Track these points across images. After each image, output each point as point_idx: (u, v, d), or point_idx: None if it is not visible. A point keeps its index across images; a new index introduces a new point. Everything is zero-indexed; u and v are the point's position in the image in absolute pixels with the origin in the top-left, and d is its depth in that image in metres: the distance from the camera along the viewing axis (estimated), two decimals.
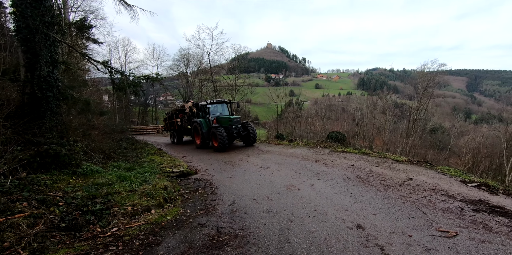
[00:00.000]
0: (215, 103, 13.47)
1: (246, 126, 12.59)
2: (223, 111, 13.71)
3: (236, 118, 12.20)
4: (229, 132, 11.80)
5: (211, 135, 11.92)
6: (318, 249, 3.12)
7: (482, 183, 5.60)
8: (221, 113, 13.51)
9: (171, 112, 17.22)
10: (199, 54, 30.08)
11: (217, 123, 12.51)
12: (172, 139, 17.89)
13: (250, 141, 12.63)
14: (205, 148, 12.88)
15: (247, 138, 12.62)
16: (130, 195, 4.89)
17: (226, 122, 12.10)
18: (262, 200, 5.04)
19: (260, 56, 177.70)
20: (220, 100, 13.78)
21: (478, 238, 3.30)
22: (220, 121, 12.53)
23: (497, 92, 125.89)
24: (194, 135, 13.74)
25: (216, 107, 13.54)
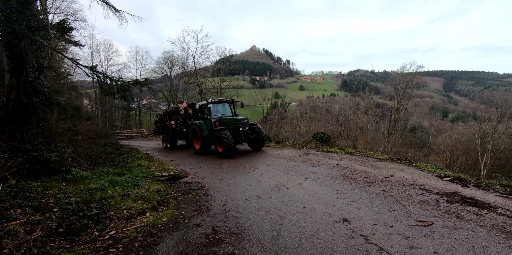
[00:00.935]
0: (216, 102, 12.00)
1: (254, 128, 11.21)
2: (225, 112, 12.35)
3: (243, 119, 10.89)
4: (236, 135, 10.54)
5: (215, 138, 10.62)
6: (308, 242, 3.37)
7: (455, 177, 6.08)
8: (224, 114, 12.18)
9: (164, 114, 15.67)
10: (184, 57, 30.00)
11: (220, 125, 11.29)
12: (164, 144, 16.25)
13: (258, 145, 11.28)
14: (206, 153, 11.64)
15: (255, 142, 11.27)
16: (124, 199, 4.98)
17: (232, 123, 10.86)
18: (253, 199, 5.25)
19: (245, 59, 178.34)
20: (222, 99, 12.30)
21: (451, 226, 3.68)
22: (224, 123, 11.26)
23: (471, 92, 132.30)
24: (192, 139, 12.53)
25: (218, 107, 12.19)
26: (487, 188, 5.34)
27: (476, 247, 3.16)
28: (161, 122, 16.05)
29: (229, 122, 11.02)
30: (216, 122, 11.42)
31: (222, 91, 30.13)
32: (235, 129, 10.58)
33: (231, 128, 10.62)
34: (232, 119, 11.01)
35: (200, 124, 11.45)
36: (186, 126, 13.39)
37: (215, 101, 11.91)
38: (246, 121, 10.98)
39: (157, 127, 17.30)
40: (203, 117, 11.98)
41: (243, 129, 10.74)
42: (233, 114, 12.41)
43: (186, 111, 13.82)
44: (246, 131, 10.86)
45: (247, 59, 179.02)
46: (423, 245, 3.21)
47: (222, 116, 11.94)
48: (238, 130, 10.59)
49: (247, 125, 10.97)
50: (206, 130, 11.35)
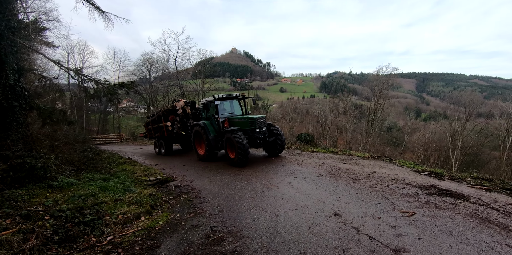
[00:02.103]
0: (225, 98, 10.12)
1: (272, 129, 9.51)
2: (234, 110, 10.61)
3: (260, 118, 9.10)
4: (251, 138, 8.91)
5: (225, 142, 8.93)
6: (305, 236, 3.58)
7: (432, 171, 6.58)
8: (233, 113, 10.45)
9: (157, 114, 13.61)
10: (165, 59, 29.55)
11: (230, 125, 9.52)
12: (157, 149, 14.40)
13: (276, 150, 9.52)
14: (212, 160, 10.02)
15: (273, 146, 9.52)
16: (117, 204, 4.94)
17: (246, 124, 9.04)
18: (246, 199, 5.38)
19: (225, 61, 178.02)
20: (231, 95, 10.44)
21: (431, 215, 4.04)
22: (235, 123, 9.45)
23: (442, 93, 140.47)
24: (195, 143, 10.81)
25: (226, 105, 10.46)
26: (460, 181, 5.84)
27: (454, 232, 3.52)
28: (153, 123, 14.08)
29: (243, 122, 9.22)
30: (225, 122, 9.60)
31: (203, 93, 29.95)
32: (251, 130, 8.90)
33: (245, 130, 8.92)
34: (246, 118, 9.17)
35: (204, 125, 9.81)
36: (184, 128, 11.94)
37: (223, 97, 10.02)
38: (264, 121, 9.20)
39: (149, 130, 15.18)
40: (207, 117, 10.30)
41: (260, 131, 9.00)
42: (244, 113, 10.60)
43: (184, 110, 12.21)
44: (264, 132, 9.15)
45: (228, 62, 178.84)
46: (408, 233, 3.52)
47: (231, 115, 10.26)
48: (254, 131, 8.91)
49: (264, 125, 9.20)
50: (212, 132, 9.73)
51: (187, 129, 11.83)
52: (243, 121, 9.23)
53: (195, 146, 10.89)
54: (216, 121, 9.74)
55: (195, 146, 10.86)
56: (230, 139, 8.58)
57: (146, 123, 15.66)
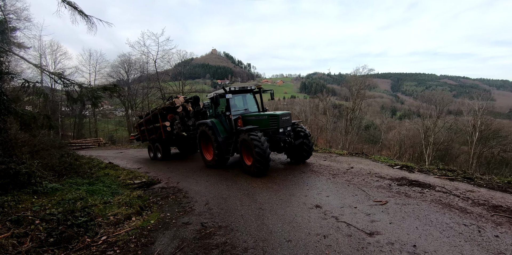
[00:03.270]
0: (237, 91, 8.43)
1: (297, 130, 7.88)
2: (248, 106, 8.84)
3: (284, 114, 7.49)
4: (272, 140, 7.27)
5: (240, 145, 7.31)
6: (289, 226, 3.91)
7: (403, 165, 7.17)
8: (247, 109, 8.70)
9: (153, 113, 11.65)
10: (144, 61, 29.04)
11: (245, 124, 7.86)
12: (152, 153, 12.82)
13: (303, 156, 7.91)
14: (222, 166, 8.55)
15: (299, 151, 7.91)
16: (107, 206, 5.03)
17: (265, 122, 7.38)
18: (233, 198, 5.62)
19: (206, 62, 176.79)
20: (245, 88, 8.64)
21: (401, 203, 4.52)
22: (251, 121, 7.75)
23: (415, 92, 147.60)
24: (201, 146, 9.28)
25: (237, 99, 8.75)
26: (428, 172, 6.44)
27: (420, 216, 4.01)
28: (147, 124, 12.24)
29: (262, 120, 7.51)
30: (239, 120, 8.02)
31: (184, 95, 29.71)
32: (272, 130, 7.30)
33: (264, 130, 7.33)
34: (267, 115, 7.46)
35: (213, 124, 8.27)
36: (185, 128, 10.52)
37: (236, 89, 8.34)
38: (289, 118, 7.60)
39: (141, 131, 13.20)
40: (216, 114, 8.73)
41: (284, 131, 7.35)
42: (261, 109, 8.98)
43: (184, 108, 10.65)
44: (289, 133, 7.49)
45: (208, 63, 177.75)
46: (381, 219, 3.95)
47: (245, 111, 8.57)
48: (276, 132, 7.28)
49: (289, 124, 7.64)
50: (222, 133, 8.17)
51: (189, 129, 10.50)
52: (262, 118, 7.50)
53: (201, 150, 9.32)
54: (227, 119, 8.12)
55: (201, 150, 9.30)
56: (246, 141, 6.97)
57: (138, 123, 13.77)
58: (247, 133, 6.88)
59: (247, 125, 7.61)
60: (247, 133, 6.88)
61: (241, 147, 7.37)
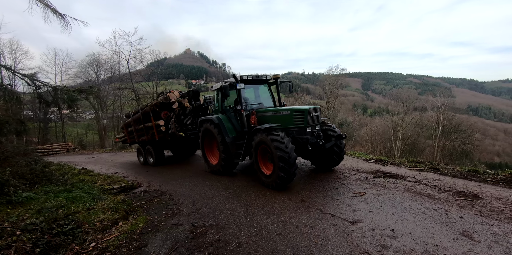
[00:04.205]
0: (250, 81, 7.08)
1: (326, 129, 6.46)
2: (262, 99, 7.56)
3: (313, 109, 6.04)
4: (297, 143, 5.77)
5: (255, 148, 5.92)
6: (279, 220, 4.12)
7: (377, 159, 7.70)
8: (261, 104, 7.43)
9: (143, 111, 10.02)
10: (115, 61, 27.91)
11: (260, 122, 6.46)
12: (142, 158, 11.28)
13: (332, 162, 6.58)
14: (228, 173, 7.38)
15: (328, 156, 6.51)
16: (92, 212, 4.93)
17: (288, 119, 5.96)
18: (219, 197, 5.72)
19: (179, 62, 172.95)
20: (260, 77, 7.22)
21: (378, 193, 4.93)
22: (269, 118, 6.36)
23: (384, 90, 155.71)
24: (204, 148, 7.99)
25: (248, 92, 7.54)
26: (400, 165, 6.99)
27: (395, 204, 4.41)
28: (136, 123, 10.60)
29: (282, 116, 6.10)
30: (252, 116, 6.59)
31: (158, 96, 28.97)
32: (297, 130, 5.88)
33: (286, 129, 5.88)
34: (290, 110, 6.01)
35: (219, 120, 6.96)
36: (181, 128, 9.21)
37: (249, 78, 6.92)
38: (319, 115, 6.19)
39: (129, 133, 11.49)
40: (223, 109, 7.35)
41: (312, 131, 5.96)
42: (278, 104, 7.66)
43: (180, 104, 9.25)
44: (319, 134, 6.08)
45: (182, 63, 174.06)
46: (361, 208, 4.30)
47: (259, 106, 7.29)
48: (303, 132, 5.85)
49: (319, 122, 6.24)
50: (230, 132, 6.87)
51: (187, 129, 9.24)
52: (283, 115, 6.07)
53: (204, 152, 8.03)
54: (238, 115, 6.87)
55: (205, 153, 8.01)
56: (263, 143, 5.60)
57: (125, 123, 12.01)
58: (265, 133, 5.55)
59: (262, 123, 6.23)
60: (265, 133, 5.55)
61: (257, 151, 5.91)
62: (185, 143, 9.98)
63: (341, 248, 3.19)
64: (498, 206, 4.23)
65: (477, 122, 57.22)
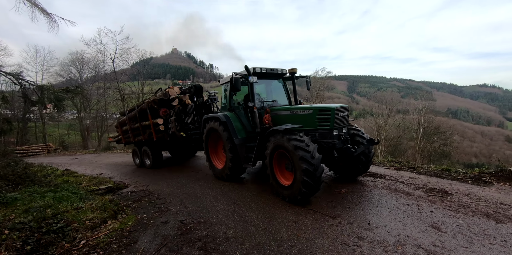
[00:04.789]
0: (264, 75, 6.39)
1: (352, 133, 5.65)
2: (275, 96, 6.85)
3: (342, 108, 5.24)
4: (322, 148, 5.00)
5: (270, 153, 5.06)
6: (264, 216, 4.34)
7: None
8: (275, 101, 6.68)
9: (139, 108, 9.26)
10: (100, 60, 27.40)
11: (276, 122, 5.72)
12: (138, 159, 10.54)
13: (358, 170, 5.67)
14: (236, 179, 6.71)
15: (354, 164, 5.60)
16: (80, 211, 4.97)
17: (310, 120, 5.17)
18: (207, 196, 5.86)
19: (166, 62, 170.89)
20: (274, 70, 6.39)
21: (357, 191, 5.27)
22: (284, 117, 5.64)
23: (368, 93, 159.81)
24: (208, 149, 7.31)
25: (260, 87, 6.79)
26: (379, 164, 7.38)
27: (373, 200, 4.74)
28: (132, 122, 9.92)
29: (302, 116, 5.32)
30: (265, 116, 5.80)
31: (144, 96, 28.65)
32: (320, 132, 5.08)
33: (308, 131, 5.07)
34: (312, 109, 5.21)
35: (227, 119, 6.22)
36: (182, 127, 8.51)
37: (263, 71, 6.18)
38: (347, 115, 5.41)
39: (124, 132, 10.85)
40: (231, 106, 6.65)
41: (339, 134, 5.16)
42: (294, 102, 6.97)
43: (180, 101, 8.62)
44: (346, 138, 5.25)
45: (168, 63, 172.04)
46: (341, 204, 4.60)
47: (273, 104, 6.57)
48: (328, 135, 5.04)
49: (347, 123, 5.46)
50: (240, 133, 6.15)
51: (188, 128, 8.50)
52: (304, 114, 5.29)
53: (208, 155, 7.32)
54: (250, 113, 6.04)
55: (209, 155, 7.31)
56: (281, 148, 4.73)
57: (119, 122, 11.16)
58: (285, 135, 4.63)
59: (278, 123, 5.54)
60: (285, 135, 4.63)
61: (272, 157, 5.05)
62: (186, 144, 9.12)
63: (321, 240, 3.44)
64: (465, 201, 4.62)
65: (456, 124, 60.00)
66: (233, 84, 5.81)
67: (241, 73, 6.09)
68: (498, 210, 4.22)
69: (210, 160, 7.31)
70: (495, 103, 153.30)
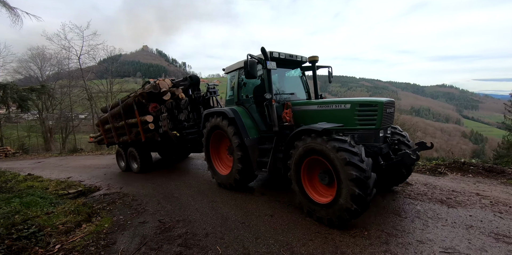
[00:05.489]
0: (281, 61, 5.19)
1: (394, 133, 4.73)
2: (292, 88, 5.85)
3: (389, 103, 4.12)
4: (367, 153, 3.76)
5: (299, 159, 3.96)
6: (242, 211, 4.54)
7: None
8: (294, 93, 5.66)
9: (124, 103, 8.04)
10: (64, 56, 25.82)
11: (298, 117, 4.84)
12: (123, 163, 9.41)
13: (400, 176, 4.85)
14: (243, 188, 5.74)
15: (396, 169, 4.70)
16: (52, 216, 4.82)
17: (348, 117, 4.17)
18: (184, 195, 5.88)
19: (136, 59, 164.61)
20: (294, 57, 5.35)
21: None
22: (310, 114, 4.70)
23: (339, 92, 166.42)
24: (209, 151, 6.23)
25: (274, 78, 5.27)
26: None
27: None
28: (115, 120, 8.76)
29: (336, 112, 4.35)
30: (286, 112, 4.82)
31: (113, 95, 27.44)
32: (364, 133, 4.08)
33: (346, 131, 4.05)
34: (350, 103, 4.18)
35: (235, 114, 5.24)
36: (175, 125, 7.64)
37: (281, 57, 5.06)
38: (393, 112, 4.34)
39: (106, 132, 9.67)
40: (239, 99, 5.70)
41: (384, 136, 4.27)
42: (315, 95, 6.07)
43: (173, 95, 7.47)
44: (393, 141, 4.52)
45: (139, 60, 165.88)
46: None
47: (291, 97, 5.54)
48: (375, 137, 4.04)
49: (391, 122, 4.40)
50: (251, 132, 5.17)
51: (182, 126, 7.64)
52: (339, 109, 4.28)
53: (209, 157, 6.23)
54: (267, 108, 4.92)
55: (210, 158, 6.22)
56: (316, 153, 3.67)
57: (100, 120, 9.92)
58: (324, 137, 3.55)
59: (301, 121, 4.71)
60: (324, 137, 3.55)
61: (301, 164, 3.96)
62: (181, 145, 7.83)
63: (296, 230, 3.71)
64: (423, 190, 5.17)
65: (419, 122, 64.61)
66: (249, 69, 4.53)
67: (257, 57, 4.84)
68: (450, 196, 4.79)
69: (212, 165, 6.18)
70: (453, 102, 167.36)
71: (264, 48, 4.69)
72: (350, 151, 3.31)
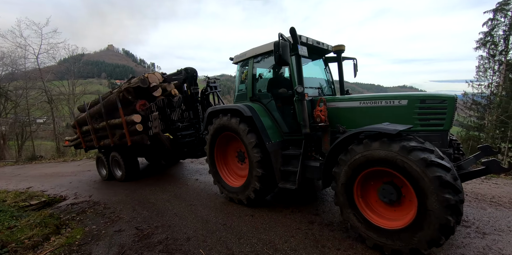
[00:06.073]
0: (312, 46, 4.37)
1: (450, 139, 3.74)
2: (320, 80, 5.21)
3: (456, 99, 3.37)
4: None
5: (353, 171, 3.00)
6: (222, 213, 4.55)
7: None
8: (321, 87, 4.96)
9: (105, 100, 7.11)
10: (19, 55, 23.65)
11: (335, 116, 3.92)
12: (104, 170, 8.36)
13: None
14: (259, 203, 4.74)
15: None
16: (16, 230, 4.46)
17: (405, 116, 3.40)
18: (161, 200, 5.70)
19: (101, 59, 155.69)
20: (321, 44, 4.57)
21: None
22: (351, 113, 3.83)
23: None
24: (214, 157, 5.23)
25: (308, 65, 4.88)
26: None
27: (314, 189, 5.31)
28: (95, 120, 7.75)
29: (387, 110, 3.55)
30: (319, 109, 3.90)
31: (76, 98, 25.71)
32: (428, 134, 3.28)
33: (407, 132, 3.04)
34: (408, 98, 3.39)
35: (253, 112, 4.36)
36: (167, 127, 6.79)
37: (309, 43, 4.28)
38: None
39: (83, 134, 8.55)
40: (253, 95, 4.79)
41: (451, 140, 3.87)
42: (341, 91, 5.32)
43: (164, 91, 6.56)
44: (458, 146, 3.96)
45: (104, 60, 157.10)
46: (292, 196, 5.06)
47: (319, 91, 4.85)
48: (442, 139, 3.29)
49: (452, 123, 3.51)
50: (273, 134, 4.35)
51: (176, 127, 6.79)
52: (392, 106, 3.52)
53: (215, 165, 5.26)
54: (297, 104, 4.00)
55: (216, 167, 5.26)
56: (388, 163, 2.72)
57: (77, 120, 8.70)
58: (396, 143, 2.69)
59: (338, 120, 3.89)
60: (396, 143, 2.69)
61: (355, 179, 3.06)
62: (176, 150, 6.86)
63: (277, 228, 3.81)
64: None
65: None
66: (281, 52, 3.54)
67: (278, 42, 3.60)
68: None
69: (217, 174, 5.22)
70: None
71: (293, 29, 3.69)
72: (443, 167, 2.47)
